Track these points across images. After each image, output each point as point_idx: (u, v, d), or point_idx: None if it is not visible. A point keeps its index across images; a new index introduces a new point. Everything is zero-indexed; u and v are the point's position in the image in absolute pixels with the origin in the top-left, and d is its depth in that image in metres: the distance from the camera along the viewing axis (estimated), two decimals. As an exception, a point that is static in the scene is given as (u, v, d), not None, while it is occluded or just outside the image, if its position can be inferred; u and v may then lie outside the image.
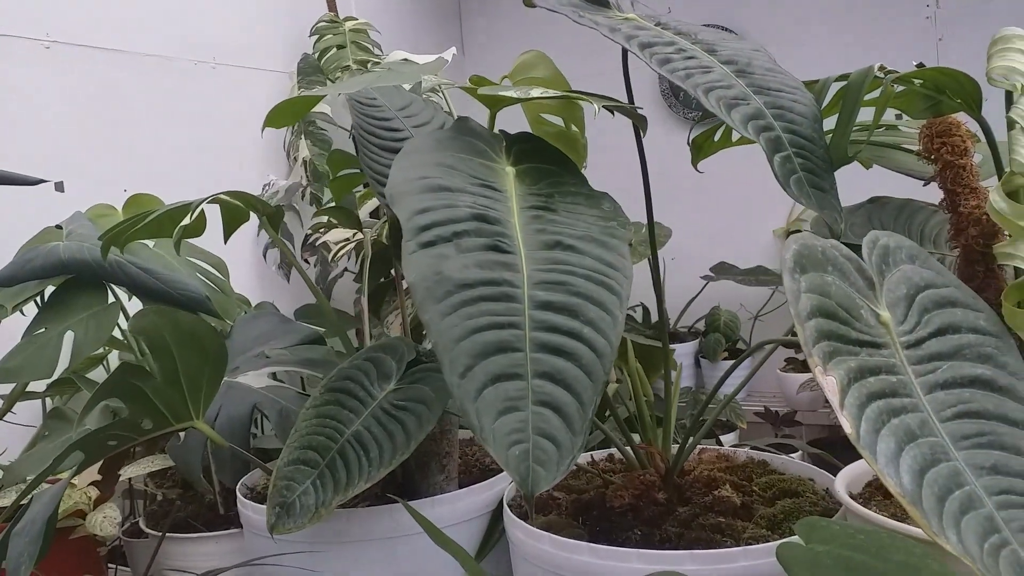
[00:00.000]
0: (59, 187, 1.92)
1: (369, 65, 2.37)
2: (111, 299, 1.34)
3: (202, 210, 1.04)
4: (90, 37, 1.99)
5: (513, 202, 0.72)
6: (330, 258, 1.36)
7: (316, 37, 2.44)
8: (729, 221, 2.79)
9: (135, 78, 2.07)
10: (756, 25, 2.76)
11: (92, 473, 1.30)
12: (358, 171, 1.19)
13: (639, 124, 0.89)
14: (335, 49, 2.39)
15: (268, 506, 0.90)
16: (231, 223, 1.14)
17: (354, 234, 1.30)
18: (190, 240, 1.57)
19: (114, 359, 1.60)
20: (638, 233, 1.97)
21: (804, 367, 2.60)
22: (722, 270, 2.42)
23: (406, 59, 1.02)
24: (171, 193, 2.11)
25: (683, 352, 2.70)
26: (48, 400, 1.51)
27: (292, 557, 0.97)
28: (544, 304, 0.63)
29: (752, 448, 1.12)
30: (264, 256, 2.26)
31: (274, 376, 1.37)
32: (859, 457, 0.58)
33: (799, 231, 2.48)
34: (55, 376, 1.28)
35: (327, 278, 2.32)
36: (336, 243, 1.33)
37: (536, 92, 0.80)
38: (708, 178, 1.28)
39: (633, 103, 0.91)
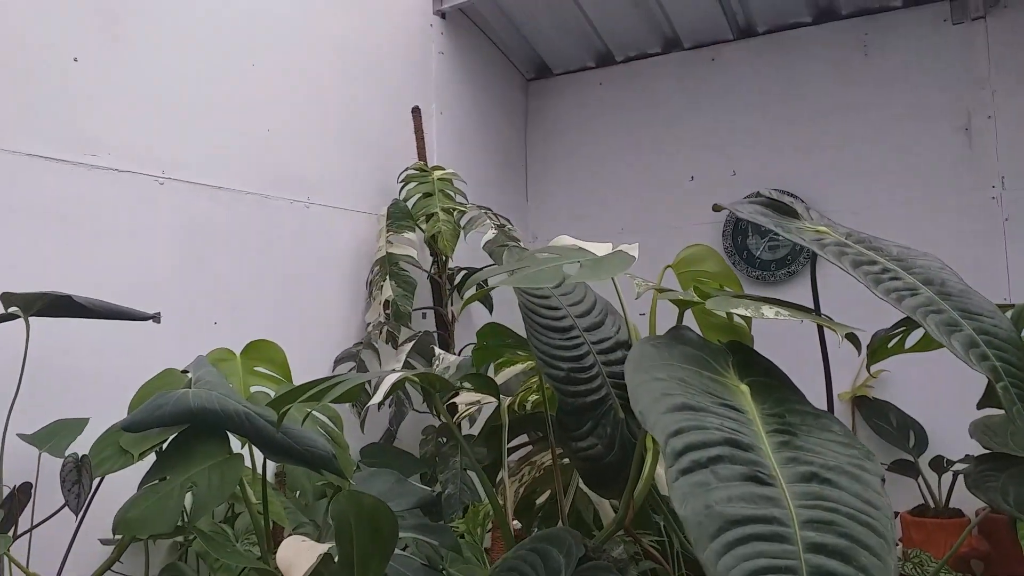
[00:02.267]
0: (156, 319, 1.94)
1: (455, 213, 2.44)
2: (234, 450, 1.33)
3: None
4: (199, 174, 2.07)
5: (758, 425, 0.72)
6: (455, 419, 1.35)
7: (403, 184, 2.54)
8: (798, 382, 2.77)
9: (234, 214, 2.14)
10: (823, 194, 2.85)
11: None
12: (505, 344, 1.21)
13: (830, 327, 0.90)
14: (422, 196, 2.48)
15: None
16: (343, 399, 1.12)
17: (480, 399, 1.30)
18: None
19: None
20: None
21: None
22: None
23: (580, 248, 1.05)
24: (256, 325, 2.14)
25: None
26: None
27: None
28: (817, 547, 0.62)
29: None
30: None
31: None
32: None
33: (865, 396, 2.45)
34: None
35: (400, 420, 2.31)
36: (465, 404, 1.32)
37: (769, 312, 0.82)
38: (775, 341, 1.28)
39: (820, 311, 0.93)
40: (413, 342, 2.33)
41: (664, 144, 3.22)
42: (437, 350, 1.31)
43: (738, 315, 0.98)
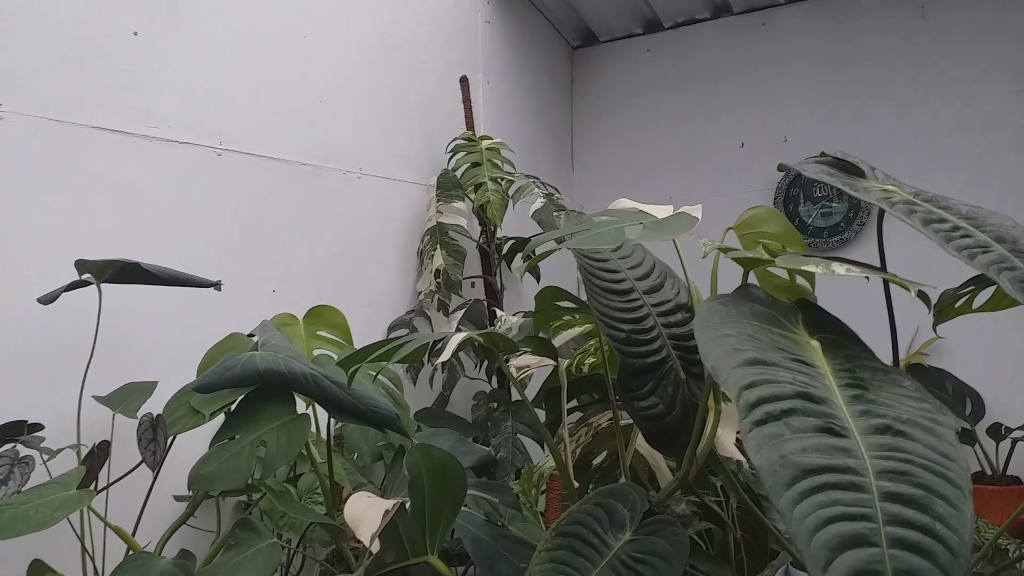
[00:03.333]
0: (218, 287, 1.99)
1: (503, 183, 2.45)
2: (300, 410, 1.37)
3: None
4: (254, 146, 2.11)
5: (829, 379, 0.72)
6: (512, 381, 1.38)
7: (452, 153, 2.55)
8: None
9: (288, 184, 2.18)
10: (878, 160, 2.79)
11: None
12: (564, 306, 1.22)
13: (902, 284, 0.89)
14: (471, 166, 2.49)
15: (505, 655, 0.89)
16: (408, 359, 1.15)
17: (538, 362, 1.32)
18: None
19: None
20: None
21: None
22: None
23: (640, 210, 1.05)
24: (312, 293, 2.19)
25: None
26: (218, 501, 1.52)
27: None
28: (892, 496, 0.62)
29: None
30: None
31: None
32: None
33: (920, 364, 2.41)
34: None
35: (453, 385, 2.35)
36: (519, 367, 1.34)
37: (840, 269, 0.82)
38: (835, 307, 1.27)
39: (886, 267, 0.93)
40: (464, 310, 2.36)
41: (713, 111, 3.18)
42: (499, 312, 1.33)
43: (807, 272, 0.98)
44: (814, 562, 0.59)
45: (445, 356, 0.99)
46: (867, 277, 0.89)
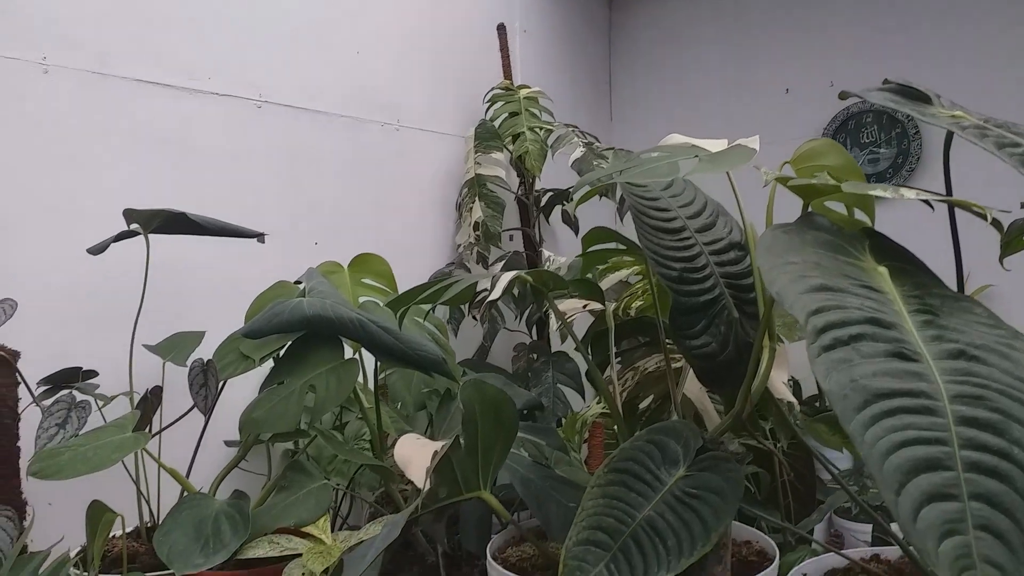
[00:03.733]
0: (261, 239, 2.00)
1: (542, 132, 2.42)
2: (348, 355, 1.38)
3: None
4: (294, 97, 2.10)
5: (899, 305, 0.70)
6: (556, 327, 1.37)
7: (490, 104, 2.52)
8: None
9: (327, 137, 2.17)
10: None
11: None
12: (612, 247, 1.20)
13: (978, 209, 0.86)
14: (508, 116, 2.46)
15: (559, 586, 0.89)
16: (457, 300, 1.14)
17: (585, 305, 1.31)
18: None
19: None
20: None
21: None
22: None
23: (692, 144, 1.03)
24: (353, 245, 2.19)
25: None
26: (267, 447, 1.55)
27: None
28: (968, 420, 0.61)
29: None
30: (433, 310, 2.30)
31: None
32: None
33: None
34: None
35: (494, 336, 2.35)
36: (566, 311, 1.33)
37: (910, 194, 0.79)
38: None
39: (952, 193, 0.89)
40: (503, 261, 2.34)
41: (756, 56, 3.09)
42: (546, 252, 1.31)
43: (870, 200, 0.94)
44: (887, 485, 0.57)
45: (496, 294, 0.99)
46: (931, 204, 0.86)
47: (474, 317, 2.24)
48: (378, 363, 1.49)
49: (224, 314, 1.76)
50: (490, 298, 0.97)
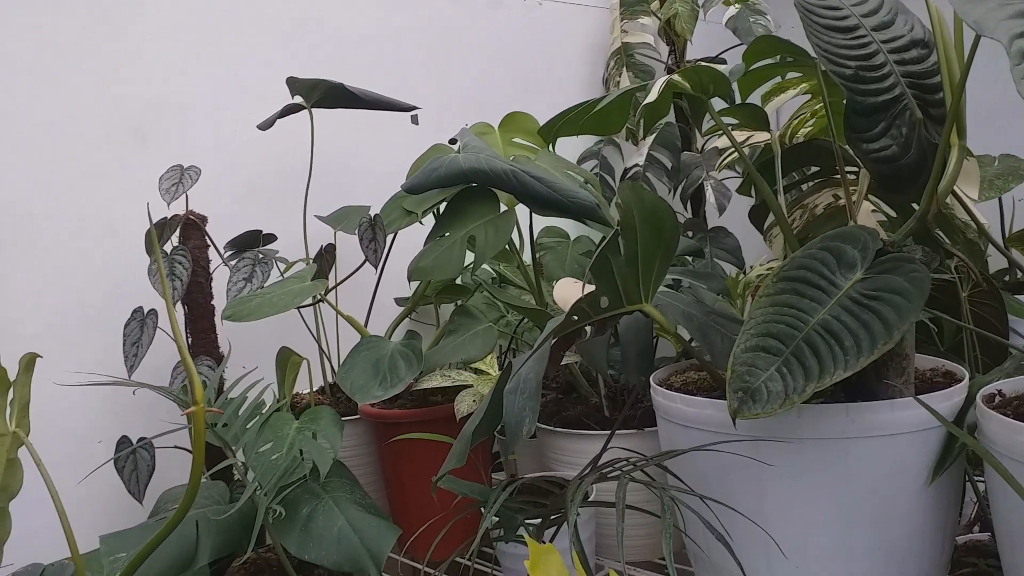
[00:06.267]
0: (414, 120, 2.04)
1: (691, -7, 2.29)
2: (503, 207, 1.40)
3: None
4: (434, -24, 2.09)
5: None
6: (716, 166, 1.31)
7: (634, -31, 2.40)
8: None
9: (469, 14, 2.16)
10: None
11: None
12: (776, 61, 1.13)
13: None
14: (655, -21, 2.34)
15: (729, 391, 0.87)
16: (651, 118, 1.12)
17: (748, 137, 1.24)
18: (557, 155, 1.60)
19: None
20: (991, 167, 1.73)
21: None
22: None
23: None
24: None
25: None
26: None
27: (741, 447, 0.94)
28: None
29: None
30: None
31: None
32: None
33: None
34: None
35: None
36: (724, 148, 1.27)
37: None
38: None
39: None
40: (655, 134, 2.27)
41: None
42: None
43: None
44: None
45: (651, 98, 0.95)
46: None
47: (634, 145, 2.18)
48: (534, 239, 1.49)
49: (383, 191, 1.82)
50: (644, 102, 0.94)
